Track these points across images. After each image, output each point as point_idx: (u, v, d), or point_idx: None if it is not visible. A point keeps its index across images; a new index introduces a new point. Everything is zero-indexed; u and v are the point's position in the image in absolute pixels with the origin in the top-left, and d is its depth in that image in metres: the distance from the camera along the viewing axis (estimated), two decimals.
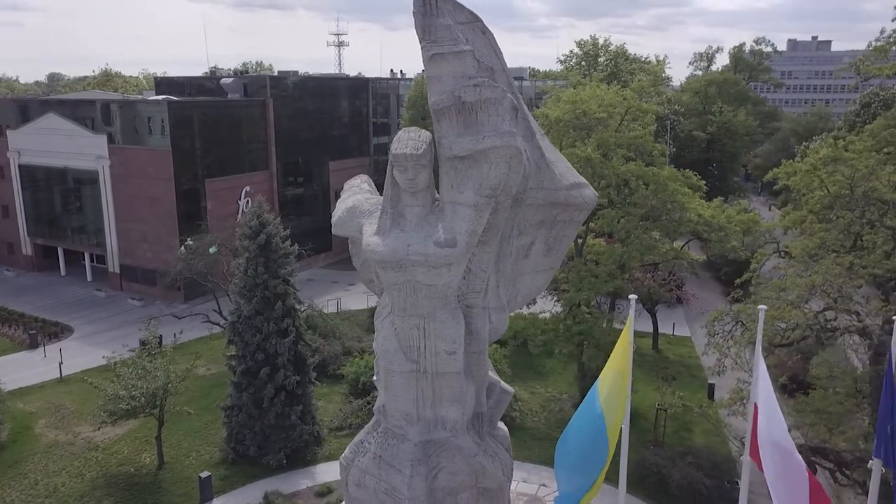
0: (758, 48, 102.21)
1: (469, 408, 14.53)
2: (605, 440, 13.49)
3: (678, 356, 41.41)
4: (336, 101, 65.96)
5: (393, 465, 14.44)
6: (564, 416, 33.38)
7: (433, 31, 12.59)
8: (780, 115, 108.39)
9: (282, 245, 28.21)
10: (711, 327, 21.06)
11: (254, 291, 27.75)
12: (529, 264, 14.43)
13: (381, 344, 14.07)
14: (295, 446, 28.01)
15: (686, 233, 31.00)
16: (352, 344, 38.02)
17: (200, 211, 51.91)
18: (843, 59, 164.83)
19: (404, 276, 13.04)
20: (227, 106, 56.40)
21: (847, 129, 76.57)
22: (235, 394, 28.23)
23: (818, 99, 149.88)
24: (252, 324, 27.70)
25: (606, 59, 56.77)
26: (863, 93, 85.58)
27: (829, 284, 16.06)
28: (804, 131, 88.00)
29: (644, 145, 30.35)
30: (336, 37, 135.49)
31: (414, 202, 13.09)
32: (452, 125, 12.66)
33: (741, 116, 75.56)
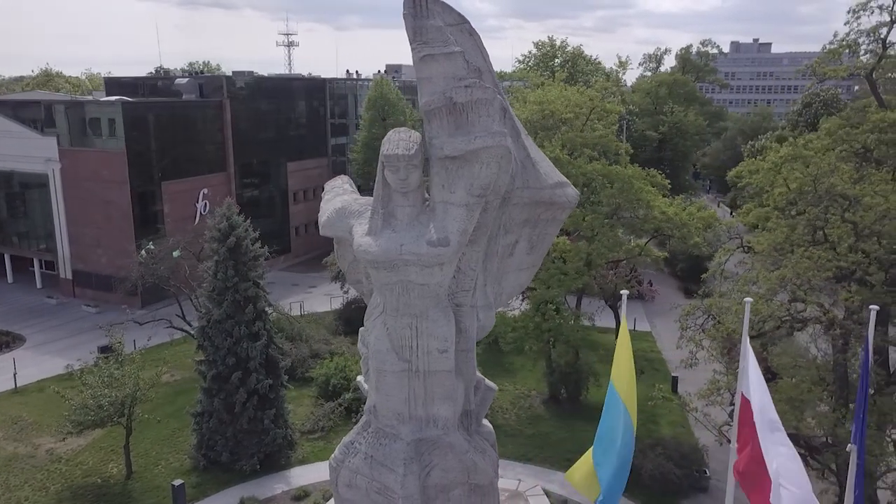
0: (704, 50, 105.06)
1: (459, 405, 14.72)
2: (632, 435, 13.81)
3: (640, 351, 42.25)
4: (293, 101, 65.33)
5: (385, 464, 14.50)
6: (534, 413, 33.91)
7: (424, 32, 12.73)
8: (726, 114, 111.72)
9: (251, 247, 27.87)
10: (684, 321, 21.69)
11: (224, 295, 27.34)
12: (514, 262, 14.69)
13: (372, 344, 14.12)
14: (268, 451, 27.71)
15: (650, 230, 31.79)
16: (319, 346, 37.77)
17: (157, 214, 50.78)
18: (782, 61, 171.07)
19: (397, 275, 13.13)
20: (182, 107, 55.30)
21: (790, 128, 79.68)
22: (206, 399, 27.77)
23: (760, 99, 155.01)
24: (223, 328, 27.29)
25: (563, 60, 57.69)
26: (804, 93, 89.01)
27: (798, 277, 16.78)
28: (750, 130, 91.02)
29: (608, 145, 31.00)
30: (286, 37, 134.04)
31: (405, 202, 13.20)
32: (443, 126, 12.83)
33: (691, 116, 77.70)
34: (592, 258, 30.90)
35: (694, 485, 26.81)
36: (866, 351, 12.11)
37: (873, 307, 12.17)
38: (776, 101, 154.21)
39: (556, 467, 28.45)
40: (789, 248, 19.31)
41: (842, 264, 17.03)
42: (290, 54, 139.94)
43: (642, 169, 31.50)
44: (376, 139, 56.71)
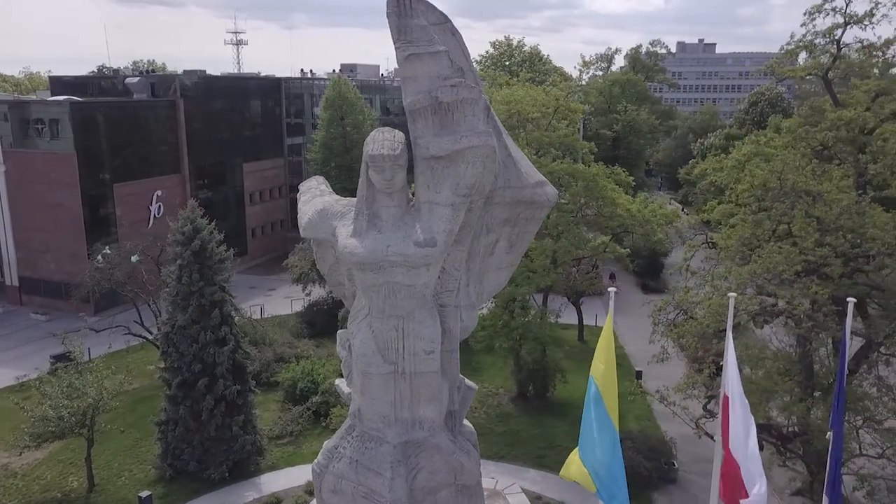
0: (653, 50, 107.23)
1: (444, 406, 14.68)
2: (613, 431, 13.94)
3: None
4: (248, 101, 64.22)
5: (371, 468, 14.36)
6: (503, 411, 34.05)
7: (408, 31, 12.65)
8: (676, 113, 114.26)
9: (217, 250, 27.24)
10: (656, 317, 22.06)
11: (188, 300, 26.65)
12: (494, 262, 14.73)
13: (357, 347, 13.94)
14: (237, 458, 27.13)
15: (615, 227, 32.26)
16: (283, 350, 37.19)
17: (109, 217, 49.23)
18: (726, 61, 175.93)
19: (383, 277, 13.01)
20: (134, 106, 53.73)
21: (738, 126, 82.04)
22: (171, 407, 27.03)
23: (706, 98, 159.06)
24: (187, 334, 26.60)
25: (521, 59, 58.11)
26: (750, 92, 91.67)
27: (769, 272, 17.24)
28: (699, 129, 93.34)
29: (572, 144, 31.33)
30: (234, 35, 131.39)
31: (390, 203, 13.10)
32: (428, 125, 12.78)
33: (643, 115, 79.20)
34: (558, 256, 31.21)
35: (663, 477, 27.31)
36: (843, 342, 12.51)
37: (850, 299, 12.57)
38: (721, 99, 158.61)
39: (528, 464, 28.64)
40: (756, 243, 19.82)
41: (809, 258, 17.57)
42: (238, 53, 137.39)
43: (606, 167, 31.96)
44: (334, 139, 56.20)
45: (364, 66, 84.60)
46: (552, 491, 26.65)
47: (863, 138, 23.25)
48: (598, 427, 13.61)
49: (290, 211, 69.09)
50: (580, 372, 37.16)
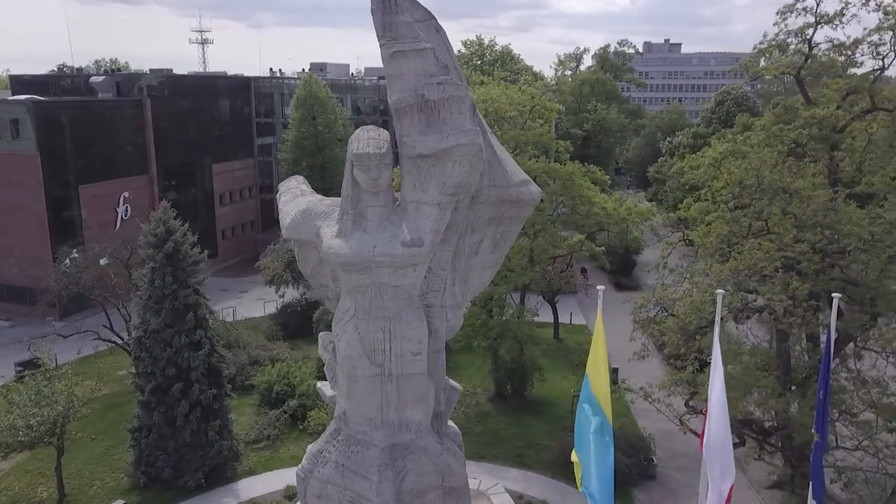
0: (621, 50, 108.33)
1: (431, 408, 14.52)
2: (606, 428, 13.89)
3: (578, 344, 43.12)
4: (217, 100, 63.24)
5: (358, 472, 14.12)
6: (482, 410, 33.98)
7: (393, 28, 12.45)
8: (644, 112, 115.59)
9: (190, 252, 26.68)
10: (637, 314, 22.16)
11: (162, 303, 26.05)
12: (479, 261, 14.59)
13: (343, 349, 13.69)
14: (213, 464, 26.60)
15: (591, 225, 32.40)
16: (258, 353, 36.63)
17: (75, 220, 48.01)
18: (692, 61, 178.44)
19: (370, 278, 12.80)
20: (99, 106, 52.48)
21: (705, 124, 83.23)
22: (144, 413, 26.40)
23: (672, 97, 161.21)
24: (161, 338, 26.00)
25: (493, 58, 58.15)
26: (717, 92, 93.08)
27: (750, 268, 17.42)
28: (667, 127, 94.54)
29: (548, 142, 31.37)
30: (199, 34, 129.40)
31: (375, 202, 12.90)
32: (414, 123, 12.60)
33: (613, 114, 79.92)
34: (535, 255, 31.22)
35: (642, 473, 27.50)
36: (828, 336, 12.63)
37: (836, 295, 12.70)
38: (686, 99, 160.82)
39: (508, 464, 28.61)
40: (735, 240, 20.02)
41: (788, 254, 17.79)
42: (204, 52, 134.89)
43: (583, 164, 32.08)
44: (306, 138, 55.58)
45: (334, 65, 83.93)
46: (534, 490, 26.66)
47: (835, 136, 23.67)
48: (594, 427, 13.57)
49: (260, 212, 68.25)
50: (557, 370, 37.32)
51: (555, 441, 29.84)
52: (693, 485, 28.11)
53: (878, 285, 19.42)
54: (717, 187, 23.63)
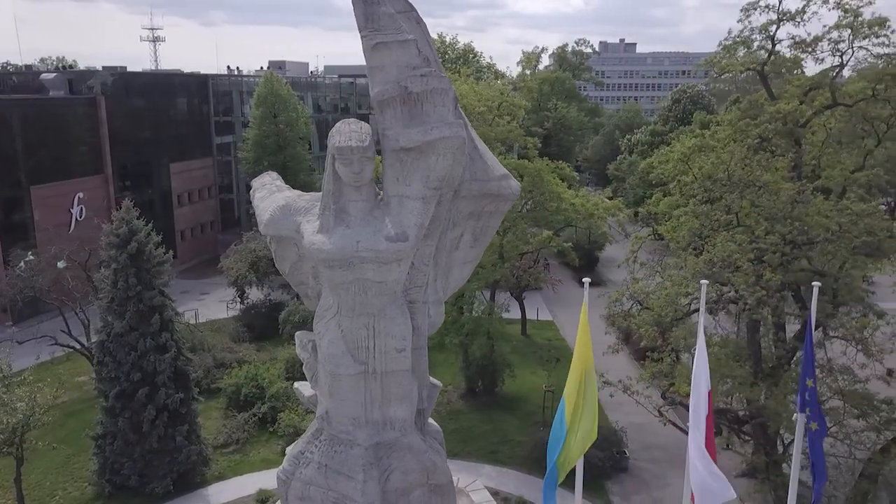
0: (578, 49, 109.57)
1: (415, 405, 14.37)
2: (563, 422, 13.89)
3: (545, 339, 43.40)
4: (173, 98, 61.82)
5: (342, 472, 13.88)
6: (454, 408, 33.87)
7: (376, 19, 12.29)
8: (602, 111, 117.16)
9: (155, 253, 25.94)
10: (611, 308, 22.32)
11: (125, 306, 25.27)
12: (459, 256, 14.49)
13: (326, 347, 13.41)
14: (182, 469, 25.91)
15: (560, 221, 32.57)
16: (223, 355, 35.86)
17: (26, 222, 46.32)
18: (646, 60, 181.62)
19: (353, 274, 12.57)
20: (51, 104, 50.75)
21: (662, 122, 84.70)
22: (108, 420, 25.58)
23: (627, 96, 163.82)
24: (125, 341, 25.22)
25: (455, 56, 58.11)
26: (673, 90, 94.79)
27: (724, 261, 17.69)
28: (625, 126, 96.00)
29: (516, 139, 31.42)
30: (151, 31, 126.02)
31: (358, 197, 12.69)
32: (397, 116, 12.44)
33: (573, 112, 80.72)
34: (505, 251, 31.25)
35: (615, 466, 27.76)
36: (809, 326, 12.85)
37: (815, 284, 12.93)
38: (642, 97, 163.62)
39: (482, 460, 28.57)
40: (706, 233, 20.32)
41: (761, 246, 18.12)
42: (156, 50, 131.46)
43: (552, 161, 32.23)
44: (267, 137, 54.72)
45: (293, 63, 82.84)
46: (509, 486, 26.67)
47: (798, 131, 24.24)
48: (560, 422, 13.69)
49: (220, 212, 66.95)
50: (526, 366, 37.46)
51: (527, 437, 29.92)
52: (665, 476, 28.63)
53: (843, 275, 19.91)
54: (685, 181, 23.96)
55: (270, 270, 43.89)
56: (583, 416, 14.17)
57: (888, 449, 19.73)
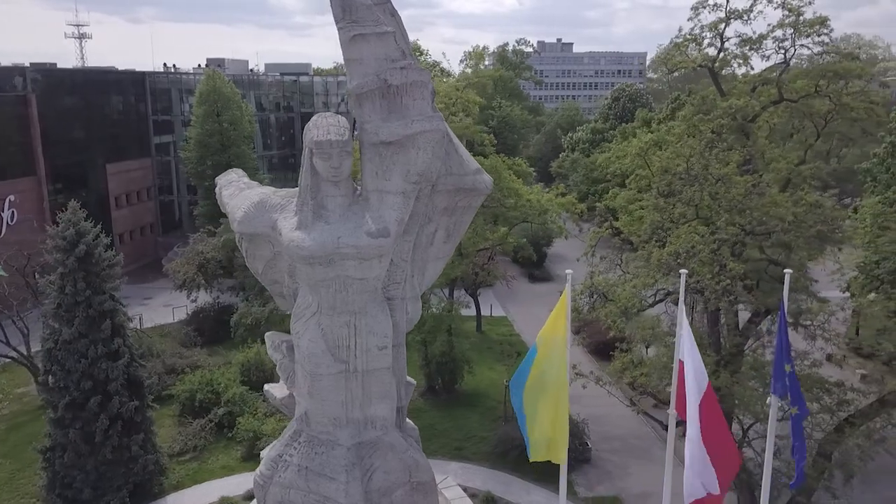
0: (519, 48, 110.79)
1: (395, 403, 14.23)
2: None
3: (501, 335, 43.67)
4: (108, 96, 59.48)
5: (324, 473, 13.63)
6: (414, 406, 33.57)
7: (353, 10, 12.12)
8: (543, 109, 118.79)
9: (104, 255, 24.87)
10: (579, 300, 22.58)
11: (74, 311, 24.14)
12: (433, 252, 14.43)
13: (305, 347, 13.12)
14: (138, 480, 24.95)
15: (517, 217, 32.79)
16: (174, 361, 34.72)
17: None
18: (583, 60, 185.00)
19: (334, 271, 12.36)
20: None
21: (602, 120, 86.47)
22: (57, 431, 24.38)
23: (566, 95, 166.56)
24: (74, 348, 24.10)
25: None
26: (613, 89, 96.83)
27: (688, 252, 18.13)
28: (566, 124, 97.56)
29: (473, 135, 31.47)
30: (76, 28, 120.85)
31: (336, 192, 12.50)
32: (376, 109, 12.31)
33: (517, 111, 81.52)
34: (464, 248, 31.28)
35: (578, 457, 28.09)
36: (782, 311, 13.25)
37: (788, 271, 13.35)
38: (579, 96, 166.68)
39: (447, 457, 28.52)
40: (667, 226, 20.79)
41: (722, 237, 18.66)
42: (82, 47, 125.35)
43: (508, 158, 32.42)
44: (210, 136, 53.21)
45: (232, 60, 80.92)
46: (475, 482, 26.70)
47: (748, 126, 25.10)
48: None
49: (159, 214, 64.82)
50: (483, 362, 37.59)
51: (490, 432, 30.07)
52: (627, 466, 29.18)
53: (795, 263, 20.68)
54: (642, 175, 24.47)
55: (219, 273, 42.82)
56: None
57: (842, 429, 20.59)
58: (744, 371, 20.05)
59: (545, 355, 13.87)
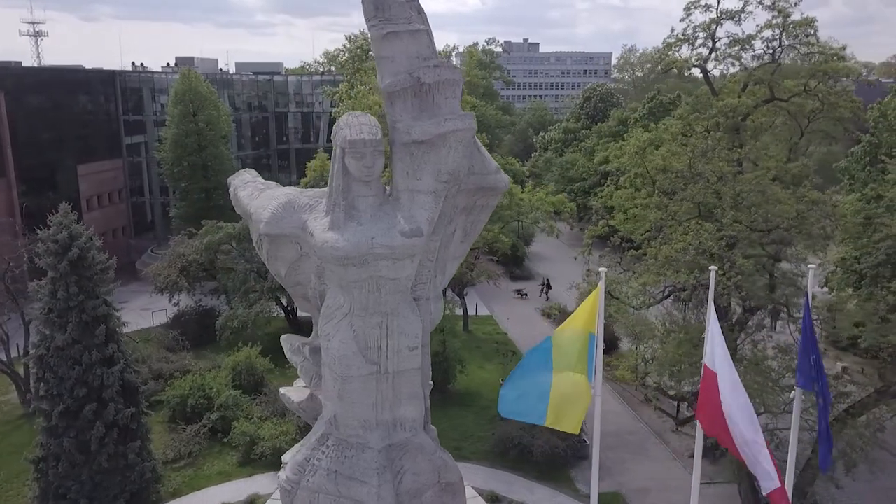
0: (489, 48, 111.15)
1: (423, 404, 14.21)
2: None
3: (487, 334, 43.80)
4: (77, 96, 58.02)
5: (354, 477, 13.52)
6: None
7: (386, 8, 12.11)
8: (513, 109, 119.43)
9: (97, 258, 24.23)
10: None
11: (66, 317, 23.45)
12: (451, 252, 14.46)
13: (337, 349, 12.99)
14: (135, 489, 24.34)
15: (510, 216, 32.87)
16: (161, 366, 34.02)
17: None
18: (549, 59, 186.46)
19: (367, 271, 12.29)
20: None
21: (574, 119, 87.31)
22: (50, 441, 23.64)
23: (533, 95, 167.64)
24: (68, 355, 23.41)
25: None
26: (584, 88, 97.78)
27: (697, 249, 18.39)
28: (538, 124, 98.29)
29: None
30: (31, 25, 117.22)
31: (367, 192, 12.44)
32: (407, 108, 12.30)
33: (491, 111, 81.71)
34: None
35: (577, 454, 28.34)
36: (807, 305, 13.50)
37: (811, 266, 13.62)
38: (546, 96, 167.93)
39: None
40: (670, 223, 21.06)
41: (729, 234, 18.98)
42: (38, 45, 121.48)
43: (501, 157, 32.43)
44: (187, 136, 52.25)
45: (202, 59, 79.58)
46: (477, 481, 26.58)
47: (742, 124, 25.58)
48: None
49: (132, 216, 63.43)
50: (473, 361, 37.62)
51: (487, 431, 30.10)
52: (624, 461, 29.49)
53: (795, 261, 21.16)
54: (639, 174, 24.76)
55: (201, 275, 42.09)
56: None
57: (843, 420, 21.11)
58: (746, 365, 20.39)
59: (560, 345, 13.60)
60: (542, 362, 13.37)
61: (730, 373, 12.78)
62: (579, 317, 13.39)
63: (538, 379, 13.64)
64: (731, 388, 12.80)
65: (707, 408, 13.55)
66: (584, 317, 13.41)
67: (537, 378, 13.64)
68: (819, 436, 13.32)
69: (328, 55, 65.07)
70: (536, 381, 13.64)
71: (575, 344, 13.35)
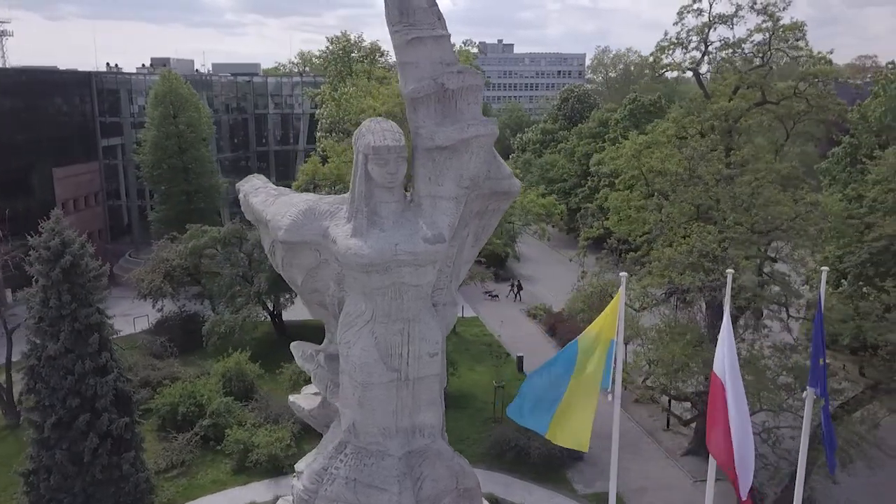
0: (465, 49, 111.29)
1: (440, 410, 14.20)
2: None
3: (475, 336, 43.80)
4: (52, 97, 56.71)
5: (374, 485, 13.45)
6: None
7: (411, 14, 12.11)
8: (490, 110, 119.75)
9: (90, 265, 23.70)
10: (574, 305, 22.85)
11: (59, 325, 22.87)
12: (464, 256, 14.48)
13: (358, 356, 12.91)
14: (129, 500, 23.81)
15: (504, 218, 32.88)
16: (147, 373, 33.40)
17: None
18: (524, 60, 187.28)
19: (390, 278, 12.24)
20: None
21: (552, 120, 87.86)
22: (41, 453, 23.04)
23: (507, 96, 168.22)
24: (60, 364, 22.83)
25: (362, 55, 57.22)
26: (561, 89, 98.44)
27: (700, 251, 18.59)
28: (514, 125, 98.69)
29: None
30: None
31: (390, 198, 12.38)
32: (430, 114, 12.30)
33: None
34: None
35: (572, 455, 28.42)
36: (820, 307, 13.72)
37: (824, 269, 13.84)
38: (521, 97, 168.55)
39: None
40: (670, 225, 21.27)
41: (731, 235, 19.23)
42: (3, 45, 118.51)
43: None
44: (168, 138, 51.40)
45: (178, 60, 78.31)
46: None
47: (735, 126, 25.95)
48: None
49: (108, 220, 62.26)
50: (463, 364, 37.58)
51: (483, 434, 30.08)
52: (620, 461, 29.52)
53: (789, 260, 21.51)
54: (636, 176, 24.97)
55: (185, 280, 41.46)
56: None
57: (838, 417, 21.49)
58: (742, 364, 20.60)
59: (585, 349, 13.62)
60: (565, 366, 13.39)
61: (735, 382, 12.78)
62: (601, 322, 13.44)
63: (556, 383, 13.67)
64: (735, 398, 12.82)
65: (715, 425, 13.35)
66: (605, 322, 13.47)
67: (555, 382, 13.67)
68: (824, 437, 13.53)
69: (303, 56, 64.57)
70: (554, 384, 13.67)
71: (596, 349, 13.42)
